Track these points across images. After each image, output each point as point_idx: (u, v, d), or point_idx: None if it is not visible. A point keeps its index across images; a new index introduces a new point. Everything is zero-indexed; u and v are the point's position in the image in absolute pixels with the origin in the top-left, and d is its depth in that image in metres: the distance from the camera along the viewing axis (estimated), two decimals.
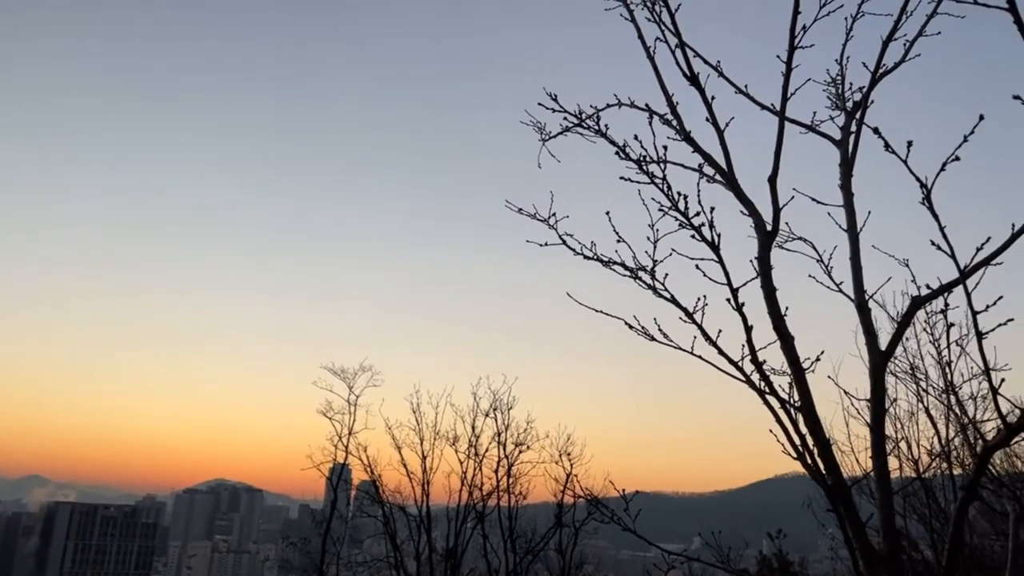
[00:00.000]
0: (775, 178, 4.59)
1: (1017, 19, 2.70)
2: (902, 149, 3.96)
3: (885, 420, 4.44)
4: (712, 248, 4.47)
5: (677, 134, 4.94)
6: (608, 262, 4.98)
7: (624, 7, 5.19)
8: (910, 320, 4.46)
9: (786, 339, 4.30)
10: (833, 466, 4.12)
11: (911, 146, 3.60)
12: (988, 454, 3.69)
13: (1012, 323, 3.87)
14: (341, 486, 29.12)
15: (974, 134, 3.90)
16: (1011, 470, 18.71)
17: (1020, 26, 2.69)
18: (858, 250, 4.77)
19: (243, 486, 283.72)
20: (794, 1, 4.41)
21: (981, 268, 3.88)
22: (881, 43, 4.88)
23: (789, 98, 4.67)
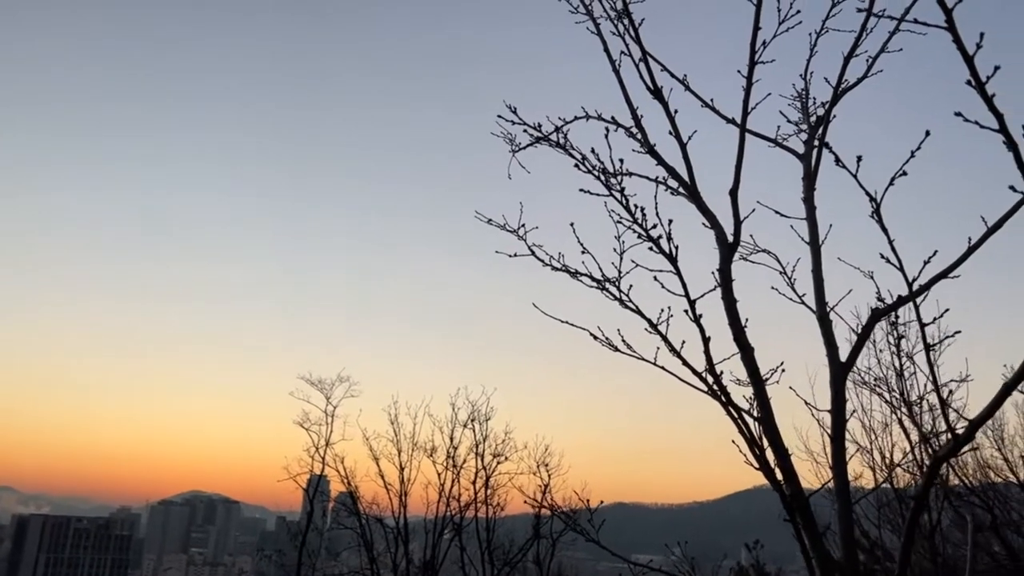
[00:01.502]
0: (736, 191, 4.65)
1: (956, 37, 2.77)
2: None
3: (845, 431, 4.50)
4: (670, 260, 4.52)
5: (641, 146, 4.99)
6: (575, 273, 5.01)
7: (591, 21, 5.24)
8: (869, 332, 4.52)
9: (746, 350, 4.35)
10: (791, 476, 4.17)
11: (861, 161, 3.66)
12: (937, 465, 3.74)
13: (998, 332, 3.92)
14: (318, 497, 28.94)
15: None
16: (984, 480, 18.96)
17: (959, 43, 2.76)
18: (820, 262, 4.84)
19: (219, 498, 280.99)
20: (754, 16, 4.48)
21: (936, 281, 3.96)
22: (843, 59, 4.96)
23: (750, 112, 4.73)
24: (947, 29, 2.80)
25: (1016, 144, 2.86)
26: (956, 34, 2.79)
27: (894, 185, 3.75)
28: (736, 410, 4.35)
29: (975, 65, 2.80)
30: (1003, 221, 3.61)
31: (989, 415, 3.36)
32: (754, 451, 4.36)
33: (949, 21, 2.80)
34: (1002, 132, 2.86)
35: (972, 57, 2.79)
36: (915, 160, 3.77)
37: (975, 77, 2.80)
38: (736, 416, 4.34)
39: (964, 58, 2.79)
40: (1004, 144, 2.86)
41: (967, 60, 2.80)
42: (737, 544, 26.55)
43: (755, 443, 4.32)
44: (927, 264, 3.76)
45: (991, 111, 2.83)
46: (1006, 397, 3.22)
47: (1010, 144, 2.86)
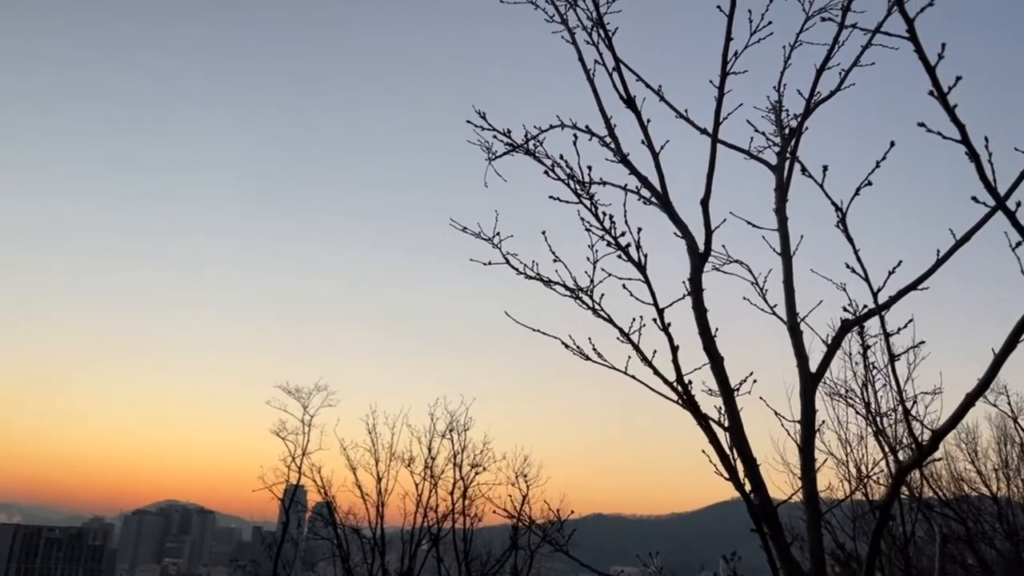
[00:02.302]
0: (707, 201, 4.65)
1: (917, 47, 2.79)
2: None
3: (814, 441, 4.50)
4: (638, 268, 4.52)
5: (614, 155, 4.99)
6: (549, 282, 5.00)
7: (566, 30, 5.25)
8: (839, 343, 4.53)
9: (716, 360, 4.35)
10: (759, 486, 4.16)
11: (827, 171, 3.68)
12: (902, 474, 3.75)
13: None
14: (294, 508, 28.67)
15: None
16: (958, 492, 19.12)
17: (920, 54, 2.78)
18: (791, 273, 4.85)
19: (194, 507, 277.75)
20: (726, 27, 4.51)
21: (905, 293, 3.98)
22: (815, 72, 5.00)
23: (722, 122, 4.75)
24: (909, 39, 2.82)
25: (978, 155, 2.87)
26: (918, 43, 2.81)
27: (860, 195, 3.76)
28: (705, 420, 4.34)
29: (937, 75, 2.82)
30: (970, 234, 3.64)
31: (952, 426, 3.37)
32: (724, 461, 4.35)
33: (911, 31, 2.82)
34: (964, 143, 2.87)
35: (934, 67, 2.81)
36: (883, 170, 3.79)
37: (937, 87, 2.82)
38: (705, 426, 4.34)
39: (926, 68, 2.81)
40: (966, 155, 2.88)
41: (929, 70, 2.81)
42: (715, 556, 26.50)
43: (724, 453, 4.32)
44: (892, 274, 3.78)
45: (953, 122, 2.85)
46: (969, 408, 3.23)
47: (972, 155, 2.87)
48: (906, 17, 2.81)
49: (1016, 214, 2.94)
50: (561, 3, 5.23)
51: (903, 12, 2.81)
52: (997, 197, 2.95)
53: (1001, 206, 2.95)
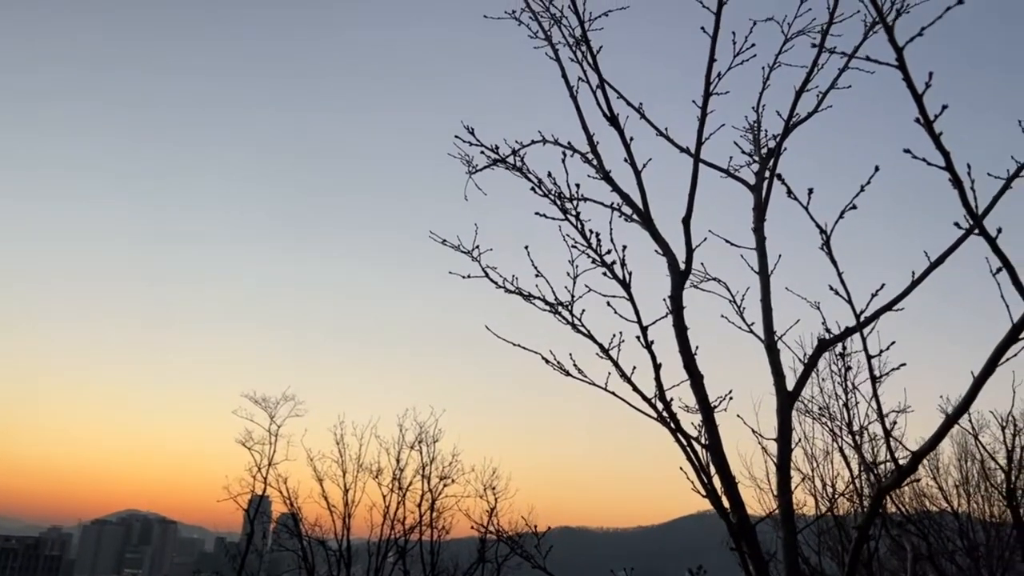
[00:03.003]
0: (689, 219, 4.69)
1: (906, 75, 2.85)
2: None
3: (791, 460, 4.53)
4: (623, 286, 4.54)
5: (597, 172, 5.02)
6: (529, 296, 5.00)
7: (549, 47, 5.28)
8: (816, 362, 4.58)
9: (695, 378, 4.38)
10: (738, 504, 4.18)
11: (812, 193, 3.73)
12: (881, 496, 3.79)
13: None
14: (259, 518, 28.33)
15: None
16: (920, 509, 19.38)
17: (908, 82, 2.83)
18: (768, 292, 4.90)
19: (156, 517, 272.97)
20: (710, 48, 4.56)
21: (882, 314, 4.04)
22: (794, 93, 5.07)
23: (704, 142, 4.79)
24: (897, 67, 2.87)
25: (961, 182, 2.94)
26: (906, 72, 2.86)
27: (844, 218, 3.82)
28: (685, 437, 4.36)
29: (924, 103, 2.88)
30: (945, 256, 3.71)
31: (932, 447, 3.42)
32: (701, 479, 4.37)
33: (900, 60, 2.87)
34: (948, 170, 2.93)
35: (921, 96, 2.87)
36: (866, 194, 3.85)
37: (923, 115, 2.87)
38: (685, 443, 4.36)
39: (913, 96, 2.87)
40: (950, 182, 2.94)
41: (916, 98, 2.87)
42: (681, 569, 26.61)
43: (703, 471, 4.34)
44: (875, 296, 3.84)
45: (938, 149, 2.91)
46: (949, 429, 3.28)
47: (955, 182, 2.93)
48: (895, 46, 2.87)
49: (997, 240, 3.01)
50: (545, 20, 5.26)
51: (893, 42, 2.86)
52: (978, 223, 3.01)
53: (981, 231, 3.01)
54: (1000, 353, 3.14)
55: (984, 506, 19.33)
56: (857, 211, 3.83)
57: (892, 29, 2.86)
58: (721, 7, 4.52)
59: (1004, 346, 3.12)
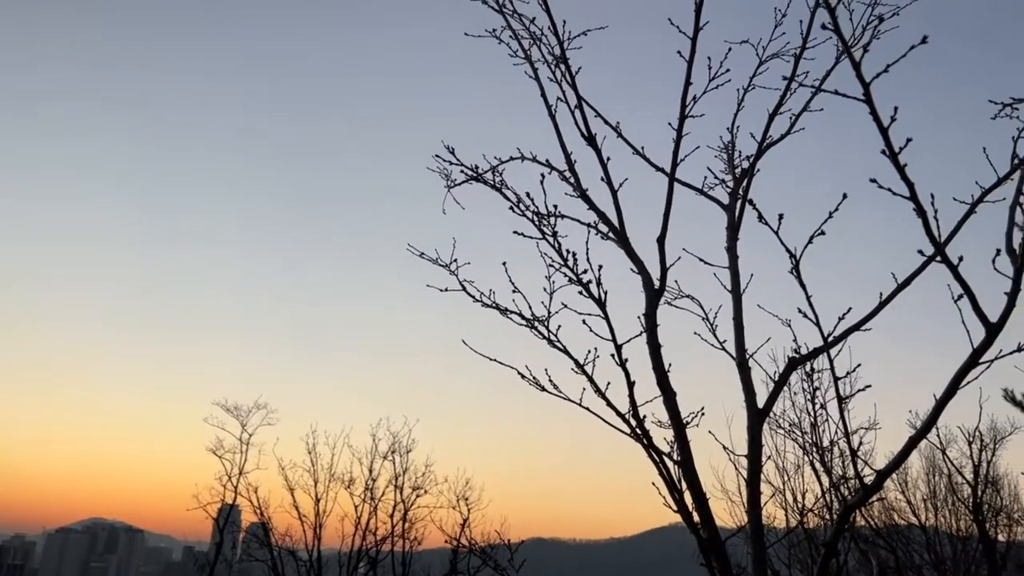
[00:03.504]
0: (663, 239, 4.77)
1: (872, 110, 2.95)
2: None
3: (761, 475, 4.61)
4: (599, 305, 4.61)
5: (574, 190, 5.09)
6: (505, 311, 5.05)
7: (529, 65, 5.35)
8: (786, 380, 4.67)
9: (668, 394, 4.45)
10: (708, 519, 4.25)
11: (782, 219, 3.83)
12: (847, 513, 3.88)
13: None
14: (228, 528, 28.03)
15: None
16: (888, 522, 19.63)
17: (875, 116, 2.93)
18: (740, 310, 4.99)
19: (122, 525, 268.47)
20: (686, 73, 4.65)
21: (850, 334, 4.13)
22: (768, 116, 5.18)
23: (679, 163, 4.88)
24: (864, 102, 2.97)
25: (925, 211, 3.04)
26: (873, 107, 2.96)
27: (813, 243, 3.92)
28: (657, 453, 4.42)
29: (889, 136, 2.98)
30: (911, 279, 3.81)
31: (896, 466, 3.51)
32: (673, 494, 4.43)
33: (866, 95, 2.97)
34: (912, 200, 3.04)
35: (887, 129, 2.98)
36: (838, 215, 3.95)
37: (889, 147, 2.98)
38: (657, 459, 4.42)
39: (879, 129, 2.97)
40: (914, 211, 3.04)
41: (882, 131, 2.97)
42: None
43: (674, 486, 4.40)
44: (842, 319, 3.94)
45: (903, 180, 3.01)
46: (912, 449, 3.38)
47: (919, 211, 3.04)
48: (862, 81, 2.97)
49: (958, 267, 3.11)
50: (525, 39, 5.33)
51: (860, 77, 2.96)
52: (940, 251, 3.11)
53: (943, 259, 3.12)
54: (961, 376, 3.24)
55: (951, 520, 19.62)
56: (833, 226, 3.93)
57: (859, 65, 2.97)
58: (697, 32, 4.62)
59: (965, 370, 3.23)
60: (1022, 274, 3.13)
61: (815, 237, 3.90)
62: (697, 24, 4.63)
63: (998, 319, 3.18)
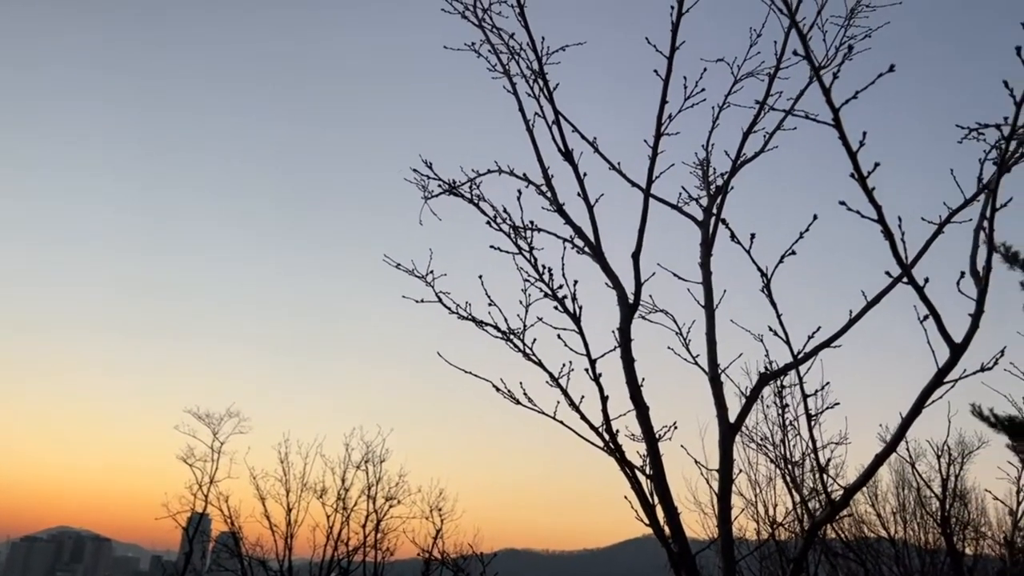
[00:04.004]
0: (638, 254, 4.82)
1: (841, 134, 3.01)
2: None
3: (731, 490, 4.66)
4: (574, 320, 4.64)
5: (551, 205, 5.13)
6: (481, 323, 5.07)
7: (507, 79, 5.39)
8: (757, 395, 4.73)
9: (641, 409, 4.49)
10: (679, 533, 4.29)
11: (754, 238, 3.89)
12: (815, 529, 3.93)
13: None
14: (198, 537, 27.69)
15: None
16: (858, 535, 19.82)
17: (844, 140, 3.00)
18: (713, 326, 5.04)
19: (89, 534, 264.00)
20: (662, 91, 4.72)
21: (820, 351, 4.20)
22: (742, 134, 5.25)
23: (655, 180, 4.94)
24: (834, 126, 3.04)
25: (892, 234, 3.12)
26: (842, 131, 3.03)
27: (784, 263, 3.98)
28: (630, 467, 4.46)
29: (858, 160, 3.05)
30: (878, 299, 3.89)
31: (864, 483, 3.57)
32: (645, 508, 4.47)
33: (836, 120, 3.04)
34: (880, 222, 3.11)
35: (855, 153, 3.05)
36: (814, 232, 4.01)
37: (857, 171, 3.05)
38: (630, 473, 4.45)
39: (848, 153, 3.04)
40: (882, 233, 3.11)
41: (851, 155, 3.04)
42: None
43: (646, 500, 4.43)
44: (811, 338, 4.00)
45: (871, 203, 3.08)
46: (879, 466, 3.44)
47: (887, 234, 3.11)
48: (832, 107, 3.04)
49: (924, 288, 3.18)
50: (504, 54, 5.37)
51: (830, 103, 3.04)
52: (907, 272, 3.18)
53: (910, 280, 3.19)
54: (926, 395, 3.31)
55: (920, 533, 19.84)
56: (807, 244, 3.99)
57: (829, 91, 3.04)
58: (673, 52, 4.68)
59: (930, 389, 3.30)
60: (985, 296, 3.21)
61: (786, 257, 3.96)
62: (673, 44, 4.70)
63: (962, 340, 3.25)
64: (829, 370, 4.83)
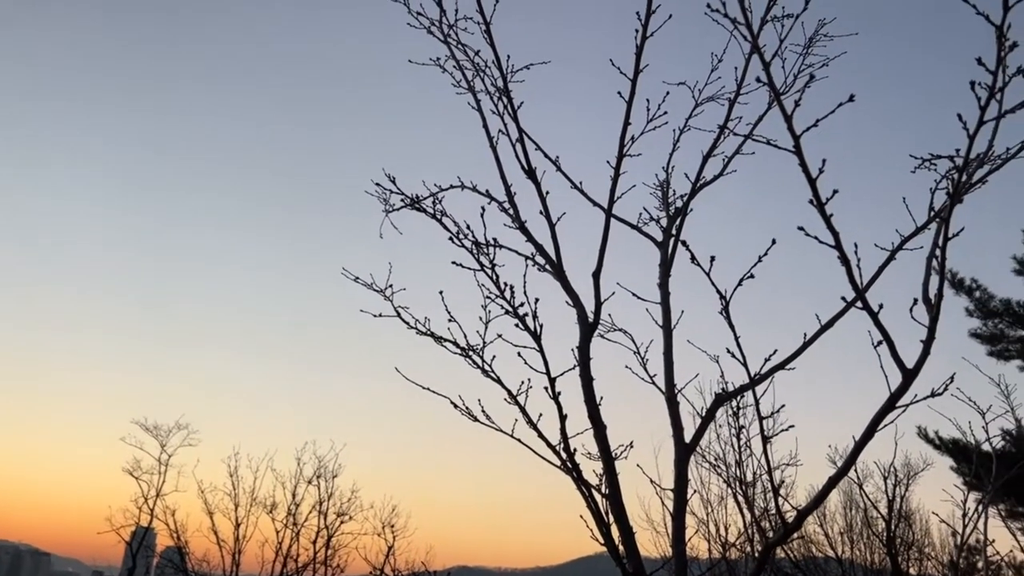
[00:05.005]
0: (599, 274, 4.84)
1: (801, 161, 3.07)
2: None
3: (686, 511, 4.68)
4: (534, 338, 4.64)
5: (513, 222, 5.14)
6: (440, 339, 5.04)
7: (472, 96, 5.40)
8: (712, 416, 4.76)
9: (599, 428, 4.49)
10: (634, 553, 4.29)
11: (714, 261, 3.95)
12: (768, 551, 3.97)
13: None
14: (142, 552, 27.08)
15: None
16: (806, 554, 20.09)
17: (804, 168, 3.06)
18: (671, 346, 5.07)
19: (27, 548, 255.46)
20: (625, 112, 4.76)
21: (774, 372, 4.26)
22: (702, 157, 5.32)
23: (616, 200, 4.98)
24: (794, 153, 3.10)
25: (849, 260, 3.18)
26: (802, 158, 3.09)
27: (743, 286, 4.04)
28: (587, 487, 4.46)
29: (817, 187, 3.11)
30: (832, 322, 3.96)
31: (816, 505, 3.62)
32: (600, 528, 4.46)
33: (797, 147, 3.10)
34: (837, 249, 3.17)
35: (815, 180, 3.11)
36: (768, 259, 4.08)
37: (816, 198, 3.11)
38: (586, 493, 4.45)
39: (808, 180, 3.10)
40: (838, 259, 3.18)
41: (810, 182, 3.10)
42: None
43: (602, 520, 4.43)
44: (768, 360, 4.06)
45: (829, 229, 3.15)
46: (831, 489, 3.49)
47: (843, 260, 3.18)
48: (793, 134, 3.10)
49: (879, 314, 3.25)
50: (469, 71, 5.39)
51: (791, 130, 3.09)
52: (861, 297, 3.25)
53: (864, 305, 3.26)
54: (879, 420, 3.37)
55: (866, 553, 20.20)
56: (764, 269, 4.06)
57: (791, 117, 3.10)
58: (637, 74, 4.73)
59: (882, 413, 3.36)
60: (937, 323, 3.29)
61: (744, 280, 4.02)
62: (637, 67, 4.76)
63: (914, 365, 3.32)
64: (784, 392, 4.91)
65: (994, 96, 3.04)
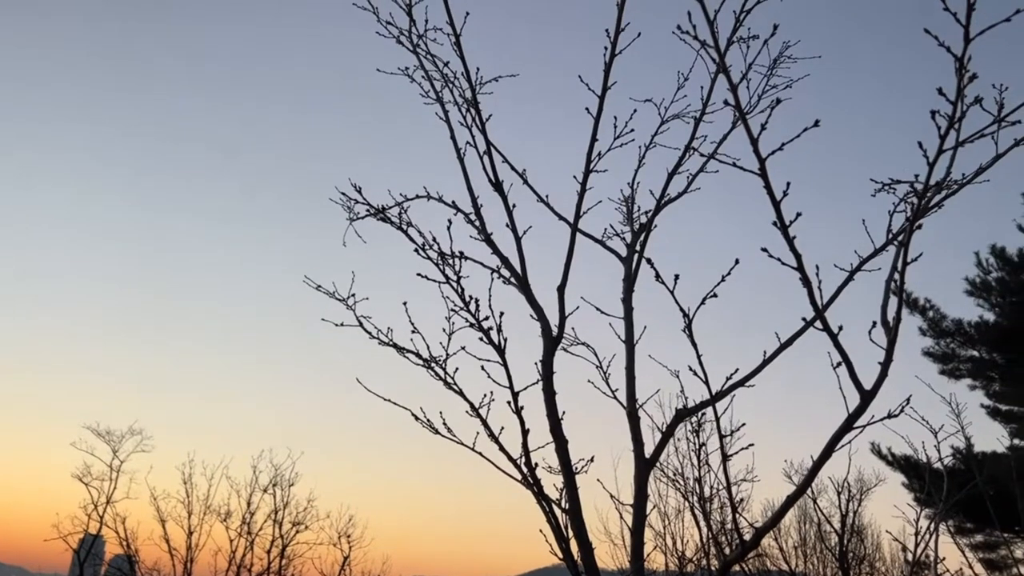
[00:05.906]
0: (563, 288, 4.85)
1: (766, 183, 3.11)
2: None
3: (645, 526, 4.69)
4: (498, 351, 4.63)
5: (479, 234, 5.12)
6: (403, 350, 5.01)
7: (440, 107, 5.38)
8: (673, 431, 4.78)
9: (560, 442, 4.49)
10: (592, 568, 4.29)
11: (678, 279, 3.98)
12: (726, 568, 4.00)
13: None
14: (90, 560, 26.41)
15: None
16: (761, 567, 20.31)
17: (769, 190, 3.10)
18: (633, 361, 5.09)
19: None
20: (592, 128, 4.79)
21: (734, 389, 4.30)
22: (667, 174, 5.37)
23: (582, 215, 5.00)
24: (759, 175, 3.14)
25: (810, 282, 3.23)
26: (767, 181, 3.13)
27: (705, 304, 4.08)
28: (547, 501, 4.45)
29: (781, 209, 3.16)
30: (792, 340, 4.01)
31: (774, 523, 3.66)
32: (560, 543, 4.46)
33: (762, 169, 3.14)
34: (799, 270, 3.22)
35: (779, 202, 3.15)
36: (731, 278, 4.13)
37: (780, 220, 3.15)
38: (546, 507, 4.44)
39: (772, 202, 3.14)
40: (800, 280, 3.22)
41: (775, 204, 3.15)
42: None
43: (561, 535, 4.43)
44: (729, 379, 4.09)
45: (791, 251, 3.19)
46: (789, 508, 3.53)
47: (805, 281, 3.22)
48: (759, 156, 3.14)
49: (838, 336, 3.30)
50: (438, 82, 5.37)
51: (756, 153, 3.13)
52: (820, 317, 3.30)
53: (824, 326, 3.31)
54: (836, 440, 3.42)
55: (819, 567, 20.49)
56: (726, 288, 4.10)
57: (757, 140, 3.14)
58: (605, 91, 4.77)
59: (840, 433, 3.41)
60: (894, 346, 3.35)
61: (708, 299, 4.06)
62: (605, 84, 4.79)
63: (871, 387, 3.38)
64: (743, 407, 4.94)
65: (953, 126, 3.12)
